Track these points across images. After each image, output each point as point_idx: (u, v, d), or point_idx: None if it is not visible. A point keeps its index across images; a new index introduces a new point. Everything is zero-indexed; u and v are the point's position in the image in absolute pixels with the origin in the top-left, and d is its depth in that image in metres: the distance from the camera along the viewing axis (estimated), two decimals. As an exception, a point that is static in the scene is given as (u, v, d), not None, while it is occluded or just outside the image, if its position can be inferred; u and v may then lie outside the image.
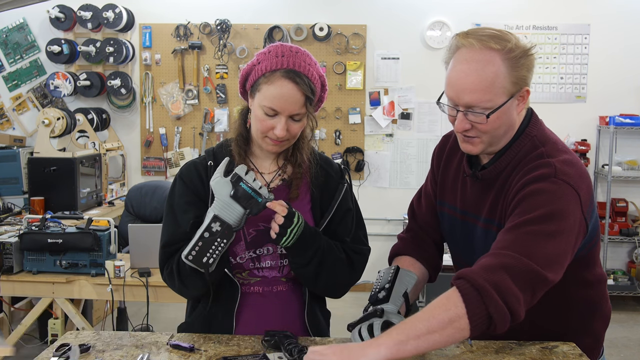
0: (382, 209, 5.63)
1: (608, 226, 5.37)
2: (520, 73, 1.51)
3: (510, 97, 1.51)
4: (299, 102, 1.59)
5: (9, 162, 4.94)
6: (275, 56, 1.61)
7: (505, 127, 1.55)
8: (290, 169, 1.74)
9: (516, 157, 1.58)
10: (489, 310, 1.32)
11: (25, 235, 3.25)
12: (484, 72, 1.47)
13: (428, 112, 5.60)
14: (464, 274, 1.37)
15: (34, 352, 3.88)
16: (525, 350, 1.60)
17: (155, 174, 5.81)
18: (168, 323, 4.69)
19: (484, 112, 1.49)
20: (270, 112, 1.60)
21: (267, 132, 1.63)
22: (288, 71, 1.59)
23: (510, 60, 1.49)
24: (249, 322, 1.73)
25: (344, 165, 1.79)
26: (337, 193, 1.74)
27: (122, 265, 3.26)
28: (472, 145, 1.58)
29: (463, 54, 1.51)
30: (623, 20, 5.47)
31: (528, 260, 1.36)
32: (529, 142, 1.59)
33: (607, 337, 1.77)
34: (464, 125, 1.53)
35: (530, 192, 1.47)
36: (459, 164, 1.73)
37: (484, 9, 5.51)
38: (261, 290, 1.74)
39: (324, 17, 5.56)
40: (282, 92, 1.58)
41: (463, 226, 1.71)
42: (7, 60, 5.81)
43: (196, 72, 5.67)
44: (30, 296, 4.02)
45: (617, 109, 5.45)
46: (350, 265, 1.76)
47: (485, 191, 1.63)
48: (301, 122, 1.64)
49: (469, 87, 1.48)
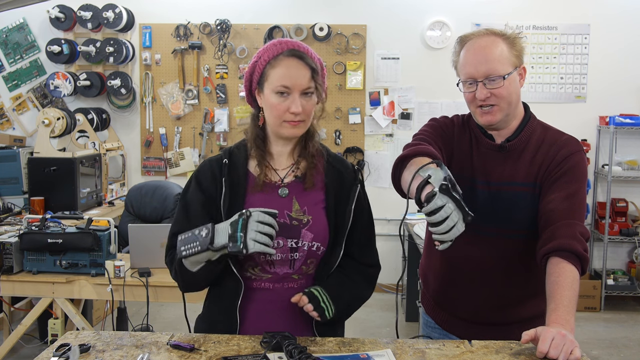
0: (382, 209, 5.61)
1: (608, 226, 5.37)
2: (518, 48, 1.85)
3: (515, 68, 1.83)
4: (306, 76, 1.68)
5: (9, 162, 4.94)
6: (274, 45, 1.71)
7: (515, 96, 1.85)
8: (304, 164, 1.78)
9: (535, 134, 1.91)
10: (584, 268, 1.73)
11: (25, 235, 3.25)
12: (494, 47, 1.82)
13: (428, 112, 5.60)
14: (563, 246, 1.70)
15: (34, 352, 3.89)
16: (526, 351, 1.60)
17: (155, 174, 5.81)
18: (168, 323, 4.69)
19: (500, 77, 1.79)
20: (283, 89, 1.67)
21: (284, 115, 1.68)
22: (290, 50, 1.69)
23: (508, 40, 1.84)
24: (256, 318, 1.74)
25: (358, 166, 1.82)
26: (352, 193, 1.79)
27: (122, 265, 3.26)
28: (492, 115, 1.85)
29: (472, 42, 1.85)
30: (623, 20, 5.47)
31: (583, 223, 1.80)
32: (538, 124, 1.94)
33: (607, 337, 1.81)
34: (485, 94, 1.81)
35: (573, 163, 1.85)
36: (470, 142, 1.95)
37: (484, 9, 5.51)
38: (271, 286, 1.75)
39: (324, 17, 5.56)
40: (289, 69, 1.67)
41: (495, 195, 1.90)
42: (7, 60, 5.81)
43: (196, 72, 5.67)
44: (30, 296, 4.02)
45: (617, 109, 5.45)
46: (368, 282, 1.84)
47: (511, 160, 1.90)
48: (312, 99, 1.71)
49: (483, 59, 1.81)
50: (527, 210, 1.87)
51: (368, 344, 1.65)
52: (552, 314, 1.60)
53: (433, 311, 2.12)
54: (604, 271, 5.39)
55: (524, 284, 1.94)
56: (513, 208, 1.88)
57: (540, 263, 1.75)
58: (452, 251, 1.96)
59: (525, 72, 1.88)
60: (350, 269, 1.80)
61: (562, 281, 1.65)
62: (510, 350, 1.62)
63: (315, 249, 1.73)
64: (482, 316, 1.98)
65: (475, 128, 1.95)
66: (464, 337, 1.78)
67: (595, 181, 5.60)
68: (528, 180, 1.88)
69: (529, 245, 1.85)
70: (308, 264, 1.75)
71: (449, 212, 1.47)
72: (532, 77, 5.54)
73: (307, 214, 1.74)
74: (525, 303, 1.96)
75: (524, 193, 1.87)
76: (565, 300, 1.62)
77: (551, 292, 1.65)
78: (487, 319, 1.97)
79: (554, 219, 1.76)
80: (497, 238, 1.91)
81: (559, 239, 1.71)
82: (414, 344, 1.66)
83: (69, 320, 3.62)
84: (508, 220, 1.89)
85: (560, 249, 1.70)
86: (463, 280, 1.99)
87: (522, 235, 1.89)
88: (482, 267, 1.94)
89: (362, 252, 1.83)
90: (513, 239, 1.91)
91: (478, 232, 1.90)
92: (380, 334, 4.70)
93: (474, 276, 1.96)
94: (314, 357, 1.50)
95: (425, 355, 1.59)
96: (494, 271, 1.93)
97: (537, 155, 1.88)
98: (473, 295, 1.97)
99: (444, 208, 1.47)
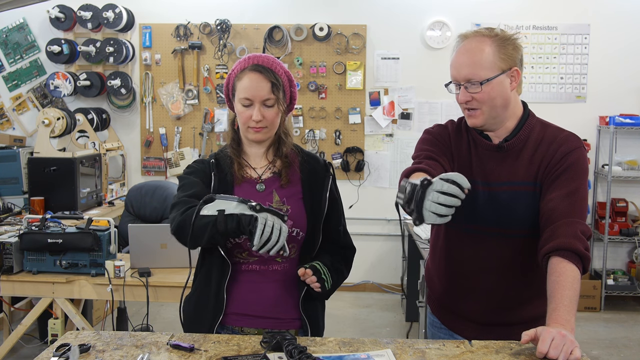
0: (382, 209, 5.63)
1: (608, 226, 5.37)
2: (507, 51, 1.82)
3: (501, 73, 1.81)
4: (266, 88, 1.85)
5: (9, 162, 4.94)
6: (244, 60, 1.91)
7: (501, 100, 1.83)
8: (280, 162, 1.95)
9: (534, 132, 1.90)
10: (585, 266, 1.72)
11: (25, 235, 3.25)
12: (476, 51, 1.81)
13: (428, 112, 5.60)
14: (564, 245, 1.69)
15: (34, 352, 3.89)
16: (526, 351, 1.61)
17: (155, 174, 5.81)
18: (168, 323, 4.69)
19: (478, 83, 1.80)
20: (245, 102, 1.86)
21: (248, 122, 1.88)
22: (254, 65, 1.88)
23: (498, 41, 1.82)
24: (243, 297, 1.87)
25: (328, 161, 2.03)
26: (326, 184, 1.96)
27: (122, 265, 3.26)
28: (475, 118, 1.86)
29: (463, 44, 1.86)
30: (623, 20, 5.47)
31: (584, 221, 1.79)
32: (537, 122, 1.93)
33: (607, 337, 1.81)
34: (465, 97, 1.83)
35: (573, 160, 1.84)
36: (468, 144, 1.96)
37: (484, 9, 5.51)
38: (258, 268, 1.88)
39: (324, 17, 5.56)
40: (251, 82, 1.86)
41: (494, 196, 1.89)
42: (7, 60, 5.81)
43: (196, 72, 5.67)
44: (30, 296, 4.02)
45: (617, 109, 5.45)
46: (346, 262, 2.02)
47: (510, 160, 1.89)
48: (274, 109, 1.88)
49: (465, 63, 1.82)
50: (528, 209, 1.86)
51: (368, 344, 1.65)
52: (552, 313, 1.60)
53: (438, 311, 2.12)
54: (604, 271, 5.39)
55: (529, 284, 1.94)
56: (513, 208, 1.88)
57: (542, 262, 1.75)
58: (455, 252, 2.01)
59: (519, 75, 1.84)
60: (331, 251, 1.97)
61: (563, 281, 1.65)
62: (510, 350, 1.62)
63: (295, 235, 1.88)
64: (487, 317, 1.97)
65: (473, 130, 1.95)
66: (469, 338, 1.78)
67: (595, 181, 5.60)
68: (528, 179, 1.87)
69: (531, 245, 1.85)
70: (290, 248, 1.87)
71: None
72: (532, 77, 5.54)
73: (286, 204, 1.90)
74: (530, 303, 1.95)
75: (524, 192, 1.87)
76: (565, 300, 1.61)
77: (552, 291, 1.64)
78: (492, 320, 1.96)
79: (554, 217, 1.76)
80: (499, 238, 1.91)
81: (559, 238, 1.71)
82: (414, 344, 1.66)
83: (69, 320, 3.62)
84: (509, 220, 1.89)
85: (561, 248, 1.70)
86: (466, 280, 1.99)
87: (524, 235, 1.89)
88: (484, 268, 1.93)
89: (339, 236, 2.01)
90: (514, 239, 1.90)
91: (479, 233, 1.92)
92: (380, 334, 4.70)
93: (476, 277, 1.96)
94: (314, 357, 1.50)
95: (425, 355, 1.59)
96: (497, 271, 1.92)
97: (537, 153, 1.88)
98: (477, 296, 1.97)
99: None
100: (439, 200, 1.47)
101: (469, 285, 1.98)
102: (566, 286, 1.64)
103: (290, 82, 1.94)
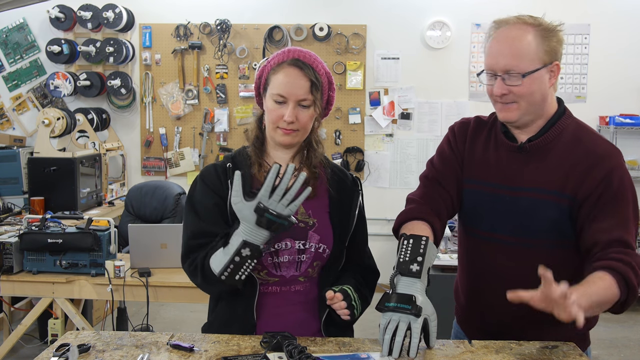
0: (382, 209, 5.62)
1: (608, 226, 5.36)
2: (551, 43, 1.69)
3: (543, 66, 1.66)
4: (304, 87, 1.68)
5: (9, 162, 4.94)
6: (283, 52, 1.73)
7: (539, 95, 1.68)
8: (307, 172, 1.74)
9: (565, 134, 1.72)
10: (628, 300, 1.59)
11: (25, 235, 3.24)
12: (519, 40, 1.66)
13: (428, 112, 5.60)
14: (617, 268, 1.55)
15: (34, 352, 3.89)
16: (526, 350, 1.60)
17: (155, 174, 5.81)
18: (168, 323, 4.69)
19: (519, 75, 1.64)
20: (279, 98, 1.68)
21: (278, 122, 1.69)
22: (293, 60, 1.70)
23: (542, 31, 1.69)
24: (269, 321, 1.73)
25: (355, 175, 1.88)
26: (355, 200, 1.81)
27: (122, 265, 3.26)
28: (509, 112, 1.69)
29: (501, 31, 1.70)
30: (623, 20, 5.47)
31: (635, 251, 1.63)
32: (572, 123, 1.75)
33: (607, 337, 1.79)
34: (502, 90, 1.67)
35: (618, 184, 1.65)
36: (485, 142, 1.81)
37: (484, 9, 5.51)
38: (279, 290, 1.74)
39: (324, 17, 5.56)
40: (288, 78, 1.68)
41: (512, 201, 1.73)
42: (7, 60, 5.81)
43: (196, 72, 5.67)
44: (30, 296, 4.02)
45: (617, 109, 5.45)
46: (370, 288, 1.86)
47: (534, 163, 1.72)
48: (309, 111, 1.70)
49: (506, 52, 1.65)
50: (550, 220, 1.69)
51: (368, 344, 1.65)
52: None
53: (462, 322, 1.98)
54: (604, 271, 5.38)
55: None
56: (532, 216, 1.70)
57: (586, 272, 1.60)
58: (474, 260, 1.87)
59: (558, 70, 1.70)
60: (354, 274, 1.81)
61: (596, 281, 1.53)
62: (510, 350, 1.62)
63: (321, 251, 1.74)
64: (511, 333, 1.74)
65: (498, 126, 1.80)
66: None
67: (595, 181, 5.60)
68: (553, 187, 1.68)
69: (556, 257, 1.69)
70: (314, 266, 1.75)
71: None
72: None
73: (312, 217, 1.75)
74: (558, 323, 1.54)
75: (547, 202, 1.68)
76: (591, 289, 1.50)
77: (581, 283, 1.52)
78: (517, 336, 1.72)
79: (608, 251, 1.60)
80: (516, 247, 1.74)
81: (616, 263, 1.56)
82: (414, 344, 1.65)
83: (69, 320, 3.62)
84: (526, 229, 1.71)
85: (612, 269, 1.55)
86: (487, 292, 1.82)
87: (546, 245, 1.71)
88: (504, 279, 1.71)
89: (363, 258, 1.87)
90: (534, 250, 1.72)
91: (492, 240, 1.78)
92: (380, 334, 4.69)
93: (497, 288, 1.66)
94: (314, 357, 1.50)
95: (426, 355, 1.59)
96: (519, 284, 1.54)
97: (566, 160, 1.69)
98: (499, 309, 1.75)
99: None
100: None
101: (490, 297, 1.79)
102: (598, 285, 1.52)
103: (329, 84, 1.76)
